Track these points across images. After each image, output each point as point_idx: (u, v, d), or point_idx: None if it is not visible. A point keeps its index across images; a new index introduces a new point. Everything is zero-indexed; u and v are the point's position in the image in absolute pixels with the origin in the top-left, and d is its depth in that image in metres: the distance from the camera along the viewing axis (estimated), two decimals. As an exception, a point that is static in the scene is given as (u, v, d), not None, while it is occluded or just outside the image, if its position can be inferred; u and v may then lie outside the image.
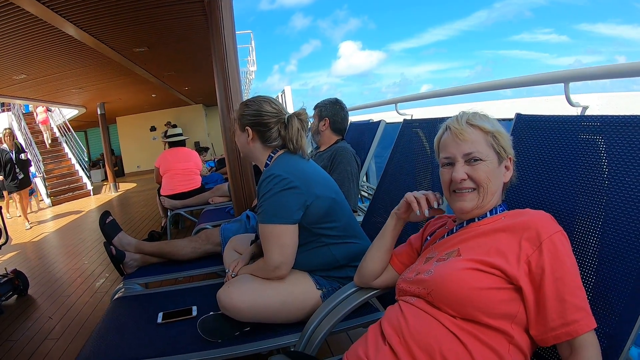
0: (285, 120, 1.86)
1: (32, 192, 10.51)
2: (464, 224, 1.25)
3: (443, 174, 1.26)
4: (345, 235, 1.84)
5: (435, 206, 1.33)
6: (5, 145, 8.62)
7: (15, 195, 8.70)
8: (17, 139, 9.40)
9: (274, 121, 1.85)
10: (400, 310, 1.19)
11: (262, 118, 1.86)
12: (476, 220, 1.23)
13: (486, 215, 1.22)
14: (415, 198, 1.35)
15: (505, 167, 1.23)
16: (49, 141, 13.98)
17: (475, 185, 1.19)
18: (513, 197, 1.44)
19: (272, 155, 1.89)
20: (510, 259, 1.05)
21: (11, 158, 8.47)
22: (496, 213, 1.22)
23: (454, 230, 1.28)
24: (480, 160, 1.18)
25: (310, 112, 3.02)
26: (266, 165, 1.89)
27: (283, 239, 1.70)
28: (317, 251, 1.81)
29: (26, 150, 9.42)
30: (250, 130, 1.88)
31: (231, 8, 3.65)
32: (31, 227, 8.30)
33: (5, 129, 8.78)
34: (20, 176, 8.57)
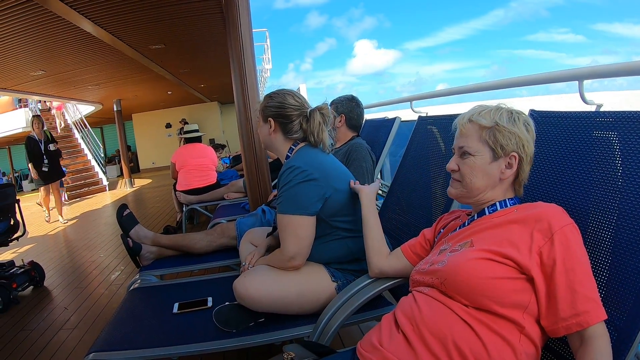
0: (308, 113, 1.89)
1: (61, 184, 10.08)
2: (476, 217, 1.28)
3: None
4: (361, 230, 1.86)
5: None
6: (34, 134, 7.77)
7: (42, 189, 8.03)
8: (46, 127, 8.36)
9: (296, 114, 1.88)
10: (414, 299, 1.21)
11: (284, 110, 1.88)
12: (487, 213, 1.25)
13: (496, 208, 1.24)
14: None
15: (508, 164, 1.22)
16: (61, 126, 14.13)
17: (461, 178, 1.25)
18: (527, 192, 1.43)
19: (293, 147, 1.92)
20: (522, 250, 1.06)
21: (40, 148, 7.69)
22: (506, 206, 1.24)
23: (467, 223, 1.30)
24: (469, 155, 1.23)
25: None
26: (287, 157, 1.92)
27: (300, 229, 1.73)
28: (334, 244, 1.84)
29: (56, 140, 8.62)
30: (272, 122, 1.90)
31: (248, 5, 3.68)
32: (66, 222, 8.00)
33: (34, 116, 7.95)
34: (45, 169, 7.68)
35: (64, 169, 9.12)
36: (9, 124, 14.10)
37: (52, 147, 7.93)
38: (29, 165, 7.82)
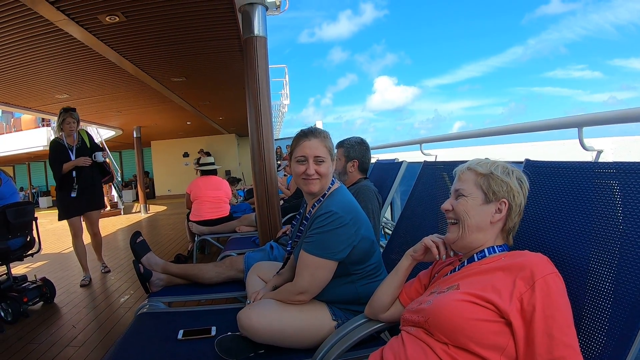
0: None
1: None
2: (466, 263, 1.36)
3: None
4: (373, 275, 1.94)
5: (452, 254, 1.45)
6: (62, 136, 5.01)
7: (70, 226, 5.08)
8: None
9: None
10: (401, 339, 1.30)
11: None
12: (476, 259, 1.33)
13: (485, 255, 1.32)
14: (434, 242, 1.46)
15: (498, 209, 1.32)
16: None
17: (456, 218, 1.34)
18: (524, 242, 1.50)
19: (330, 186, 1.99)
20: (503, 295, 1.13)
21: (69, 159, 4.94)
22: (495, 253, 1.32)
23: (457, 269, 1.38)
24: (463, 196, 1.33)
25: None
26: (323, 195, 1.98)
27: (319, 271, 1.81)
28: (344, 287, 1.91)
29: (103, 148, 5.60)
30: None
31: (266, 47, 3.88)
32: (108, 271, 5.65)
33: (65, 110, 4.99)
34: (74, 194, 4.92)
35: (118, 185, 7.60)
36: (31, 141, 14.53)
37: (100, 156, 5.11)
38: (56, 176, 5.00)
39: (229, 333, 1.92)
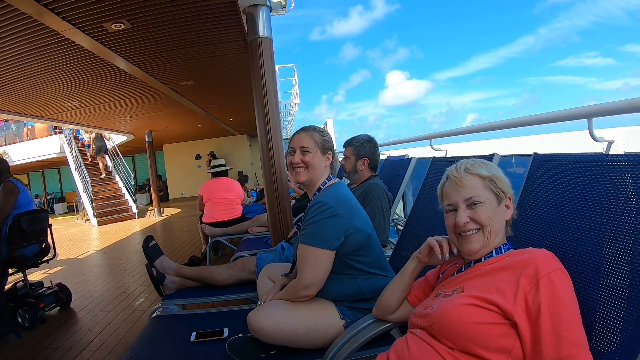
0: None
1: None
2: (472, 264, 1.33)
3: (447, 219, 1.36)
4: (374, 269, 1.94)
5: (455, 251, 1.40)
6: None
7: None
8: None
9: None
10: (406, 341, 1.29)
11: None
12: (483, 259, 1.31)
13: (492, 255, 1.29)
14: (438, 241, 1.43)
15: (506, 205, 1.32)
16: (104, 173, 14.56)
17: (479, 225, 1.28)
18: (533, 239, 1.47)
19: (327, 181, 2.04)
20: (507, 296, 1.10)
21: None
22: (501, 252, 1.29)
23: (462, 269, 1.36)
24: (480, 202, 1.28)
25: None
26: (319, 189, 2.03)
27: (319, 261, 1.81)
28: (345, 282, 1.91)
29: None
30: (330, 155, 2.07)
31: (271, 48, 3.90)
32: None
33: None
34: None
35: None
36: (44, 149, 14.78)
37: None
38: None
39: (240, 335, 1.93)
